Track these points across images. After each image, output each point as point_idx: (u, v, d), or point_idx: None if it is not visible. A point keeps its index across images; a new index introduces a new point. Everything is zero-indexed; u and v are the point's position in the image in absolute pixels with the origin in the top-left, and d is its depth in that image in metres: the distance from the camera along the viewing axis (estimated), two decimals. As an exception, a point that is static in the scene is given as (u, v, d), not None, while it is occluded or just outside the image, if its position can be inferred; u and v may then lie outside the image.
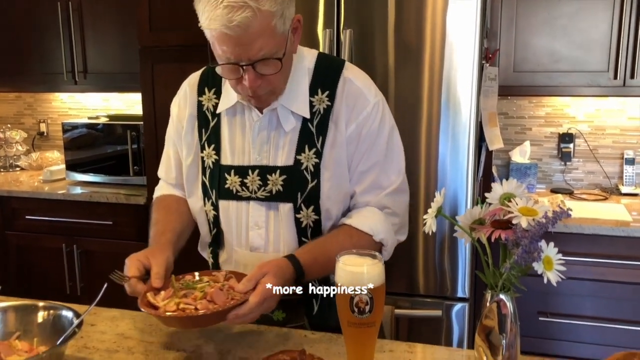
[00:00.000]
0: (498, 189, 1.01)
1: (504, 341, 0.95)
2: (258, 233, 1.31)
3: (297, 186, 1.27)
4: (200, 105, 1.35)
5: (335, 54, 2.19)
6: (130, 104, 3.54)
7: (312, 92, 1.28)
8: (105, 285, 1.15)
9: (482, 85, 2.12)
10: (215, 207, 1.34)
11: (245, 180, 1.29)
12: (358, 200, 1.32)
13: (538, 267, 0.87)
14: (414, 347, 1.25)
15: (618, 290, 2.31)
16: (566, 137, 2.85)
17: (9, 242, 3.15)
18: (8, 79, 3.39)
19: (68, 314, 1.14)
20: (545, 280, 0.89)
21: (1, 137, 3.60)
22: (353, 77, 1.30)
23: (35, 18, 3.24)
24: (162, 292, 1.13)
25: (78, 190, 3.07)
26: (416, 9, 2.10)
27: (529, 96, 2.84)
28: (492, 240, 0.92)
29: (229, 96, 1.31)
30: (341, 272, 1.01)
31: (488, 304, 0.95)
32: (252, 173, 1.29)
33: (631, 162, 2.77)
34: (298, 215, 1.28)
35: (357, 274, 0.99)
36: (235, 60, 1.12)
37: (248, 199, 1.30)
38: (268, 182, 1.28)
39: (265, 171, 1.28)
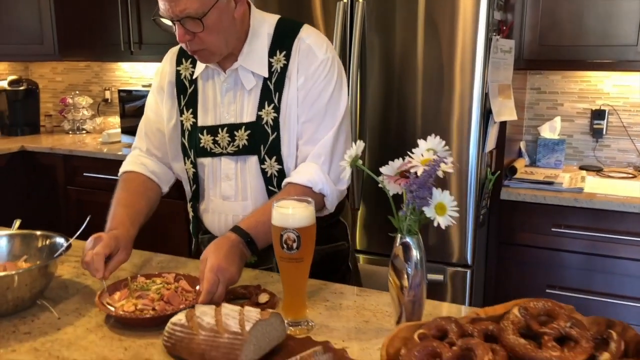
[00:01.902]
0: (422, 144, 1.09)
1: (409, 281, 1.05)
2: (229, 184, 1.48)
3: (260, 140, 1.42)
4: (178, 74, 1.52)
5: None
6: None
7: (272, 53, 1.42)
8: (89, 217, 1.35)
9: (491, 56, 2.14)
10: (194, 165, 1.51)
11: (217, 138, 1.45)
12: (301, 151, 1.44)
13: (428, 211, 0.96)
14: (364, 292, 1.37)
15: (628, 267, 2.28)
16: (598, 114, 2.80)
17: (70, 196, 3.49)
18: (77, 49, 3.72)
19: (61, 240, 1.35)
20: (435, 224, 0.98)
21: (70, 102, 3.95)
22: (306, 36, 1.43)
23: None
24: (118, 293, 1.24)
25: (128, 151, 3.34)
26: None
27: (555, 70, 2.80)
28: (396, 185, 1.01)
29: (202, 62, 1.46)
30: (275, 214, 1.14)
31: (396, 246, 1.05)
32: (222, 131, 1.45)
33: (665, 140, 2.68)
34: (263, 166, 1.43)
35: (286, 215, 1.12)
36: (168, 15, 1.29)
37: (220, 154, 1.46)
38: (235, 138, 1.43)
39: (232, 128, 1.44)
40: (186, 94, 1.50)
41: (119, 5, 3.43)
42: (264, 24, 1.44)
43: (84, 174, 3.42)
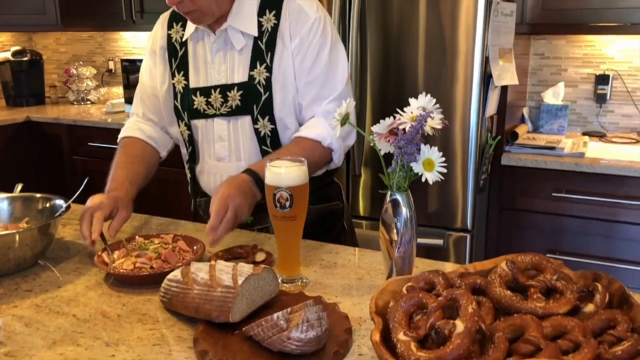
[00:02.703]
0: (414, 102, 1.10)
1: (399, 238, 1.06)
2: (222, 145, 1.49)
3: (252, 99, 1.43)
4: (169, 38, 1.53)
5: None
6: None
7: (261, 13, 1.43)
8: (87, 179, 1.37)
9: (491, 20, 2.12)
10: (189, 127, 1.53)
11: (210, 99, 1.47)
12: (305, 112, 1.46)
13: (416, 167, 0.97)
14: (359, 251, 1.39)
15: (629, 230, 2.29)
16: (602, 79, 2.77)
17: (75, 166, 3.53)
18: (80, 19, 3.71)
19: (60, 202, 1.37)
20: (423, 180, 0.99)
21: (74, 73, 3.96)
22: None
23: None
24: (117, 252, 1.27)
25: (133, 121, 3.36)
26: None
27: (561, 35, 2.76)
28: (387, 142, 1.02)
29: (192, 24, 1.46)
30: (268, 173, 1.15)
31: (386, 202, 1.06)
32: (215, 92, 1.46)
33: (670, 105, 2.66)
34: (256, 126, 1.45)
35: (278, 174, 1.14)
36: None
37: (213, 115, 1.48)
38: (228, 98, 1.45)
39: (225, 89, 1.45)
40: (177, 56, 1.51)
41: (119, -26, 3.42)
42: None
43: (89, 143, 3.44)
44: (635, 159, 2.32)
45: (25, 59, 3.85)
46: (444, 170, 0.99)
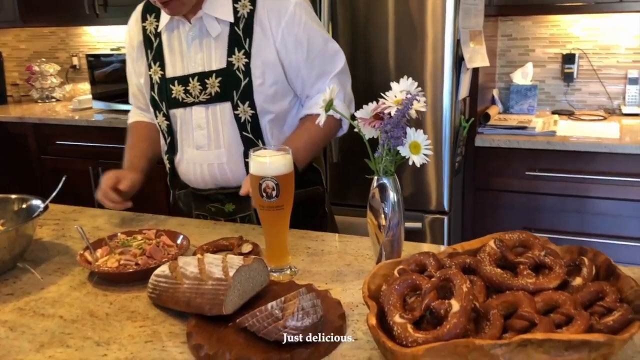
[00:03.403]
0: (395, 86, 1.10)
1: (387, 222, 1.07)
2: (201, 133, 1.48)
3: (232, 86, 1.43)
4: (144, 30, 1.52)
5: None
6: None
7: None
8: (64, 178, 1.34)
9: (461, 3, 2.14)
10: (167, 117, 1.52)
11: (188, 88, 1.46)
12: (310, 91, 1.48)
13: (403, 150, 0.97)
14: (344, 238, 1.39)
15: (600, 205, 2.35)
16: (569, 58, 2.82)
17: (44, 166, 3.45)
18: (40, 14, 3.60)
19: (37, 202, 1.34)
20: (410, 163, 0.99)
21: (37, 71, 3.85)
22: None
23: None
24: (99, 250, 1.25)
25: (101, 117, 3.30)
26: None
27: (527, 15, 2.80)
28: (371, 127, 1.02)
29: (166, 15, 1.45)
30: (253, 163, 1.14)
31: (373, 187, 1.06)
32: (193, 80, 1.45)
33: (634, 81, 2.72)
34: (236, 112, 1.44)
35: (263, 164, 1.13)
36: None
37: (192, 104, 1.47)
38: (207, 85, 1.44)
39: (203, 76, 1.44)
40: (152, 48, 1.50)
41: (80, -34, 3.33)
42: None
43: (57, 142, 3.36)
44: (603, 136, 2.37)
45: (-16, 57, 3.74)
46: (430, 153, 1.00)
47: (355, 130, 1.08)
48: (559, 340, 0.74)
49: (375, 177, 1.06)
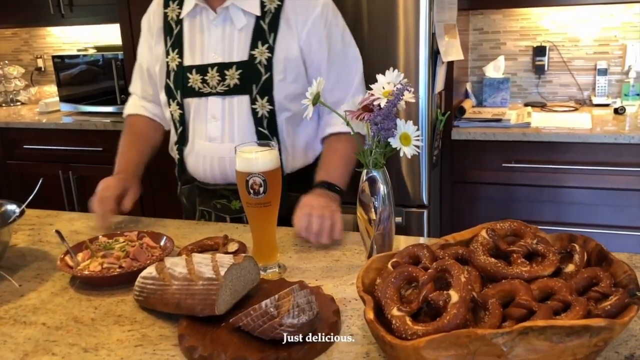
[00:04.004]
0: (381, 78, 1.09)
1: (378, 215, 1.06)
2: (215, 125, 1.45)
3: (252, 79, 1.41)
4: (165, 16, 1.50)
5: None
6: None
7: None
8: (41, 181, 1.30)
9: (435, -4, 2.14)
10: (181, 106, 1.48)
11: (206, 77, 1.43)
12: (329, 96, 1.43)
13: (394, 142, 0.96)
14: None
15: (574, 195, 2.39)
16: (540, 50, 2.86)
17: (10, 171, 3.34)
18: (1, 16, 3.49)
19: (12, 207, 1.29)
20: (401, 154, 0.98)
21: (0, 74, 3.74)
22: None
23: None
24: (80, 254, 1.21)
25: (70, 120, 3.22)
26: None
27: (498, 9, 2.83)
28: (359, 120, 1.01)
29: (190, 2, 1.44)
30: (239, 160, 1.12)
31: (362, 181, 1.05)
32: (212, 70, 1.42)
33: (604, 72, 2.78)
34: (254, 106, 1.42)
35: (250, 160, 1.10)
36: None
37: (208, 94, 1.44)
38: (226, 77, 1.41)
39: (222, 67, 1.41)
40: (172, 35, 1.48)
41: (43, -36, 3.24)
42: None
43: (24, 146, 3.27)
44: (575, 126, 2.41)
45: (-56, 61, 3.61)
46: (420, 144, 0.99)
47: (344, 123, 1.06)
48: (560, 326, 0.74)
49: (365, 171, 1.05)
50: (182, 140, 1.53)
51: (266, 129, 1.44)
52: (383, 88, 1.01)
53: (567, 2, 2.54)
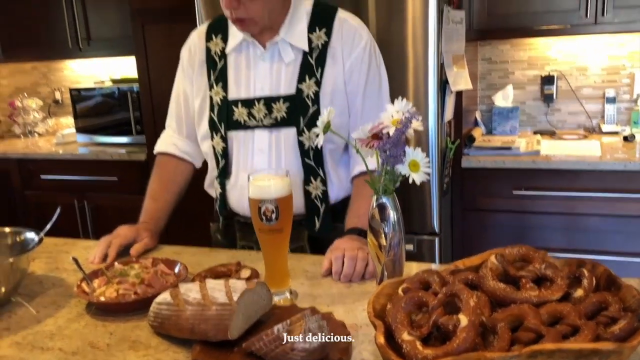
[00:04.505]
0: (390, 107, 1.12)
1: (388, 241, 1.08)
2: (262, 157, 1.47)
3: (300, 112, 1.43)
4: (208, 50, 1.53)
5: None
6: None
7: (311, 30, 1.45)
8: (59, 210, 1.33)
9: (443, 28, 2.19)
10: (224, 139, 1.50)
11: (252, 111, 1.46)
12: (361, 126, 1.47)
13: (403, 169, 0.99)
14: (342, 261, 1.39)
15: (587, 222, 2.39)
16: (548, 80, 2.89)
17: (28, 201, 3.40)
18: (22, 49, 3.60)
19: (31, 235, 1.32)
20: (410, 181, 1.00)
21: (19, 106, 3.83)
22: (348, 17, 1.49)
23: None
24: (96, 281, 1.24)
25: (86, 150, 3.28)
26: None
27: (506, 39, 2.88)
28: (368, 147, 1.03)
29: (235, 36, 1.48)
30: (252, 187, 1.15)
31: (373, 207, 1.07)
32: (258, 103, 1.45)
33: (612, 100, 2.80)
34: (301, 138, 1.44)
35: (262, 187, 1.13)
36: None
37: (255, 127, 1.47)
38: (273, 110, 1.44)
39: (270, 101, 1.45)
40: (216, 68, 1.51)
41: (63, 2, 3.34)
42: (302, 2, 1.47)
43: (42, 176, 3.33)
44: (585, 154, 2.43)
45: (-35, 94, 3.72)
46: (429, 170, 1.01)
47: (355, 150, 1.09)
48: (569, 349, 0.75)
49: (375, 197, 1.08)
50: (225, 174, 1.54)
51: (312, 161, 1.46)
52: (392, 116, 1.04)
53: (575, 31, 2.57)
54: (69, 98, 3.52)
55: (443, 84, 2.25)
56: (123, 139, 3.31)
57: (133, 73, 3.68)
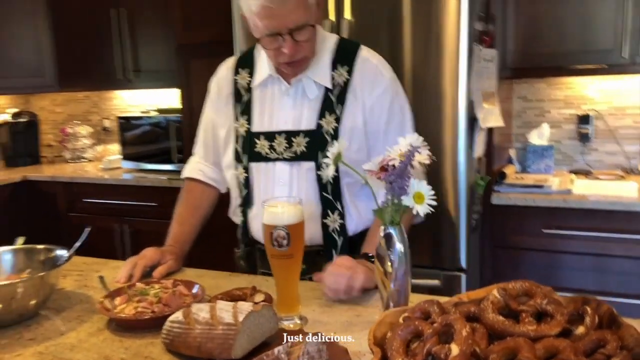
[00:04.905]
0: (402, 141, 1.15)
1: (394, 272, 1.10)
2: (282, 189, 1.52)
3: (318, 146, 1.48)
4: (235, 83, 1.60)
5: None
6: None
7: (334, 67, 1.51)
8: (88, 230, 1.41)
9: (474, 66, 2.22)
10: (247, 170, 1.56)
11: (273, 144, 1.52)
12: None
13: (407, 200, 1.02)
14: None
15: (621, 264, 2.33)
16: (584, 119, 2.87)
17: (71, 223, 3.56)
18: (76, 80, 3.81)
19: (62, 252, 1.40)
20: (415, 212, 1.03)
21: (70, 132, 4.04)
22: (370, 55, 1.54)
23: (96, 25, 3.61)
24: (118, 299, 1.31)
25: (129, 176, 3.42)
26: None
27: (541, 78, 2.88)
28: (377, 178, 1.07)
29: (262, 72, 1.55)
30: (265, 214, 1.20)
31: (380, 237, 1.10)
32: (279, 137, 1.51)
33: (651, 141, 2.74)
34: (319, 172, 1.49)
35: (275, 214, 1.18)
36: (276, 31, 1.36)
37: (275, 159, 1.52)
38: (293, 144, 1.50)
39: (290, 135, 1.50)
40: (242, 101, 1.58)
41: (113, 35, 3.54)
42: (326, 40, 1.54)
43: (84, 199, 3.48)
44: (621, 194, 2.38)
45: (22, 120, 3.94)
46: (434, 203, 1.04)
47: (363, 182, 1.13)
48: (555, 383, 0.76)
49: (382, 227, 1.11)
50: (247, 203, 1.60)
51: (330, 194, 1.50)
52: (400, 150, 1.08)
53: (611, 71, 2.55)
54: (117, 126, 3.69)
55: (473, 121, 2.27)
56: (165, 167, 3.44)
57: (177, 104, 3.85)
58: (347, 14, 2.35)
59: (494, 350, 0.89)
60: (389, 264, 1.08)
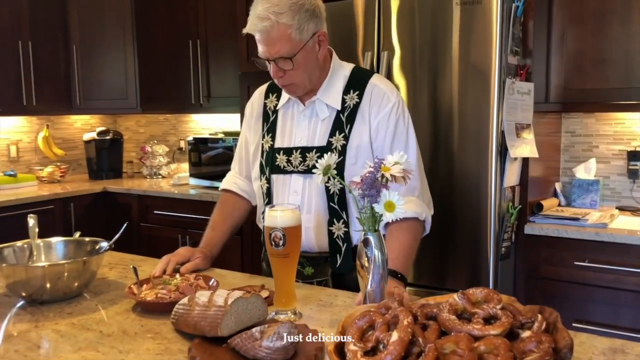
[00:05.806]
0: (390, 158, 1.29)
1: (370, 277, 1.23)
2: (296, 198, 1.71)
3: None
4: (265, 106, 1.83)
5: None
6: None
7: (346, 92, 1.69)
8: (125, 225, 1.64)
9: (506, 98, 2.30)
10: (268, 181, 1.77)
11: (290, 158, 1.72)
12: None
13: (377, 207, 1.15)
14: (355, 295, 1.54)
15: (655, 302, 2.29)
16: (634, 155, 2.83)
17: (141, 232, 3.88)
18: (156, 103, 4.20)
19: (104, 244, 1.64)
20: (384, 219, 1.16)
21: (149, 151, 4.42)
22: (378, 82, 1.71)
23: (176, 54, 3.99)
24: (144, 286, 1.52)
25: (194, 192, 3.71)
26: (443, 31, 2.38)
27: (585, 112, 2.88)
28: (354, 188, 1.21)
29: (285, 95, 1.77)
30: (266, 217, 1.36)
31: (361, 239, 1.24)
32: (296, 152, 1.71)
33: None
34: (327, 184, 1.66)
35: (274, 217, 1.34)
36: (264, 56, 1.60)
37: (291, 172, 1.72)
38: (307, 158, 1.69)
39: (305, 150, 1.70)
40: (268, 121, 1.80)
41: (191, 64, 3.88)
42: (342, 68, 1.73)
43: (155, 212, 3.80)
44: (662, 232, 2.35)
45: (107, 137, 4.36)
46: (403, 211, 1.16)
47: (349, 192, 1.27)
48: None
49: (363, 232, 1.24)
50: None
51: (336, 204, 1.66)
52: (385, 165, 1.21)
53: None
54: (185, 146, 4.00)
55: (504, 150, 2.34)
56: (226, 185, 3.69)
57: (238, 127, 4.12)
58: (390, 46, 2.51)
59: (437, 342, 1.00)
60: (366, 259, 1.21)
